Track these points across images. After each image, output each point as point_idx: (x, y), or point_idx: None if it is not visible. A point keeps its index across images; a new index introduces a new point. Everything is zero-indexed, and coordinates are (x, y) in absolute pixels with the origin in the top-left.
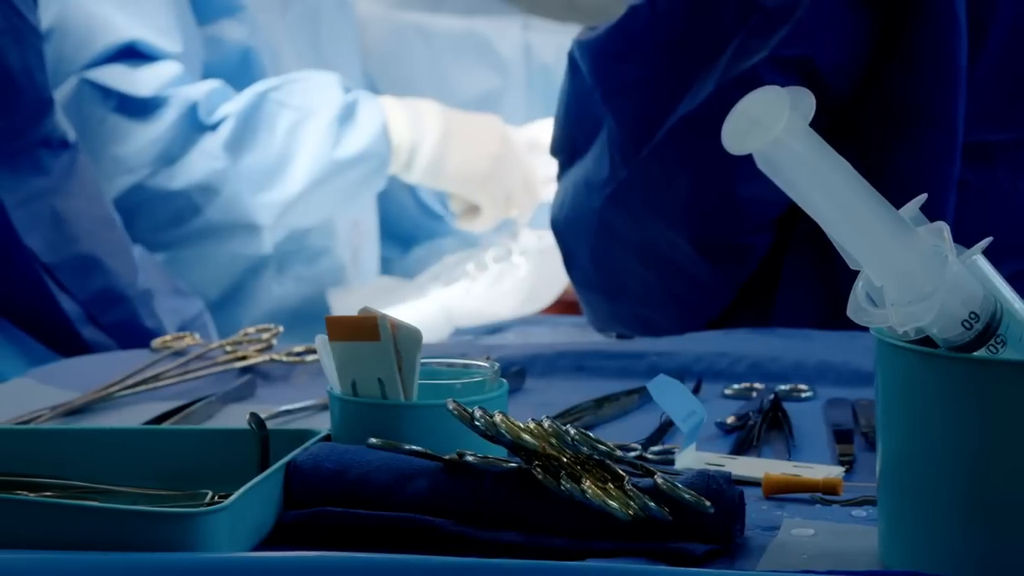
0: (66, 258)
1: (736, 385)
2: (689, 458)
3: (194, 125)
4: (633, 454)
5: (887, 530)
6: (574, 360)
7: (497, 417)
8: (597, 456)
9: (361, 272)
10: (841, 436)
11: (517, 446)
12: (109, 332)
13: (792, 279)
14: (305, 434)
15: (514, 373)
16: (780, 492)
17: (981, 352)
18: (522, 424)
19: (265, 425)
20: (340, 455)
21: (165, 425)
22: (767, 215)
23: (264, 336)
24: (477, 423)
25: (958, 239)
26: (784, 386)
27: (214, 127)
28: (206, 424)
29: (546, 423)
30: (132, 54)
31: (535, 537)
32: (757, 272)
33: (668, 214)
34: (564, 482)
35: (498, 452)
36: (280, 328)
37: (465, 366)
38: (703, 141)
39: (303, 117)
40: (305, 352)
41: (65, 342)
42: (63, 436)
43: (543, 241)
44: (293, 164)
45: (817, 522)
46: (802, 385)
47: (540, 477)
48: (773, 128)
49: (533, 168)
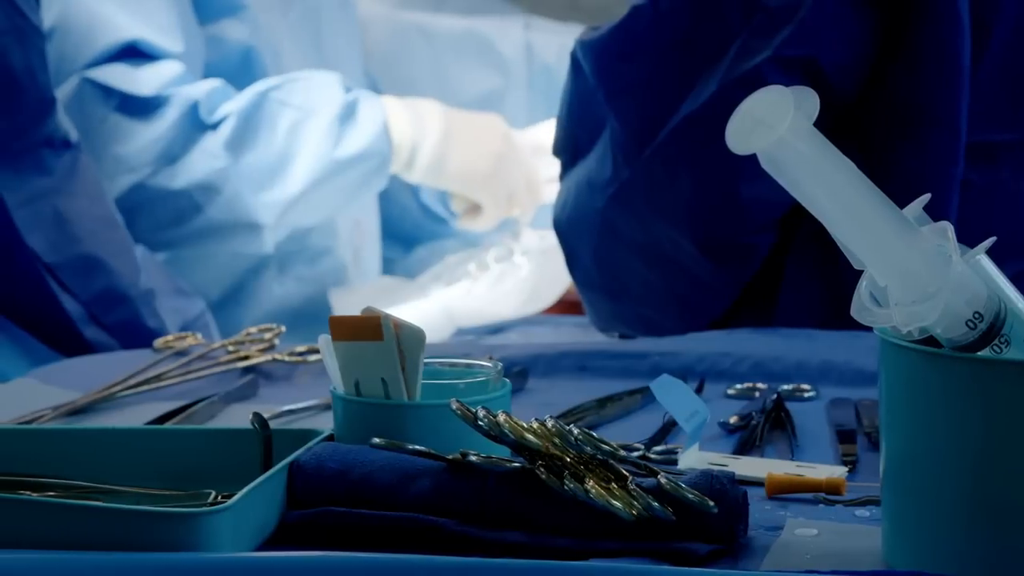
0: (68, 258)
1: (739, 385)
2: (692, 458)
3: (195, 124)
4: (636, 454)
5: (891, 530)
6: (576, 360)
7: (501, 417)
8: (601, 456)
9: (362, 272)
10: (844, 436)
11: (520, 446)
12: (111, 332)
13: (795, 279)
14: (308, 434)
15: (516, 373)
16: (783, 492)
17: (985, 352)
18: (526, 424)
19: (268, 425)
20: (343, 455)
21: (168, 425)
22: (770, 215)
23: (266, 336)
24: (481, 423)
25: (961, 239)
26: (787, 386)
27: (215, 126)
28: (209, 424)
29: (549, 423)
30: (133, 53)
31: (539, 537)
32: (760, 272)
33: (671, 214)
34: (568, 482)
35: (501, 452)
36: (282, 328)
37: (468, 366)
38: (706, 141)
39: (304, 116)
40: (307, 352)
41: (67, 342)
42: (66, 436)
43: (545, 241)
44: (294, 163)
45: (820, 522)
46: (805, 385)
47: (544, 477)
48: (777, 128)
49: (535, 168)
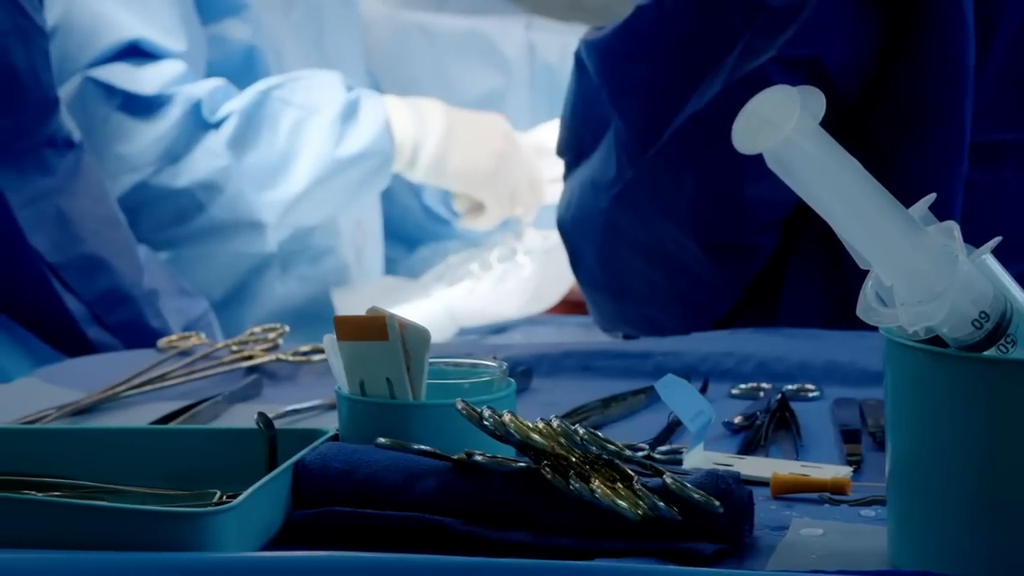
0: (71, 258)
1: (743, 385)
2: (697, 458)
3: (198, 123)
4: (641, 454)
5: (896, 530)
6: (580, 360)
7: (506, 417)
8: (606, 456)
9: (365, 272)
10: (848, 436)
11: (526, 446)
12: (114, 332)
13: (799, 279)
14: (313, 434)
15: (520, 373)
16: (788, 492)
17: (991, 352)
18: (531, 424)
19: (273, 425)
20: (348, 455)
21: (172, 425)
22: (774, 215)
23: (270, 336)
24: (486, 423)
25: (966, 239)
26: (791, 386)
27: (217, 125)
28: (213, 424)
29: (555, 423)
30: (136, 53)
31: (544, 537)
32: (763, 272)
33: (675, 214)
34: (573, 482)
35: (506, 452)
36: (286, 328)
37: (473, 366)
38: (710, 141)
39: (306, 115)
40: (311, 352)
41: (70, 342)
42: (70, 436)
43: (548, 241)
44: (296, 162)
45: (826, 522)
46: (809, 385)
47: (549, 477)
48: (783, 127)
49: (537, 167)
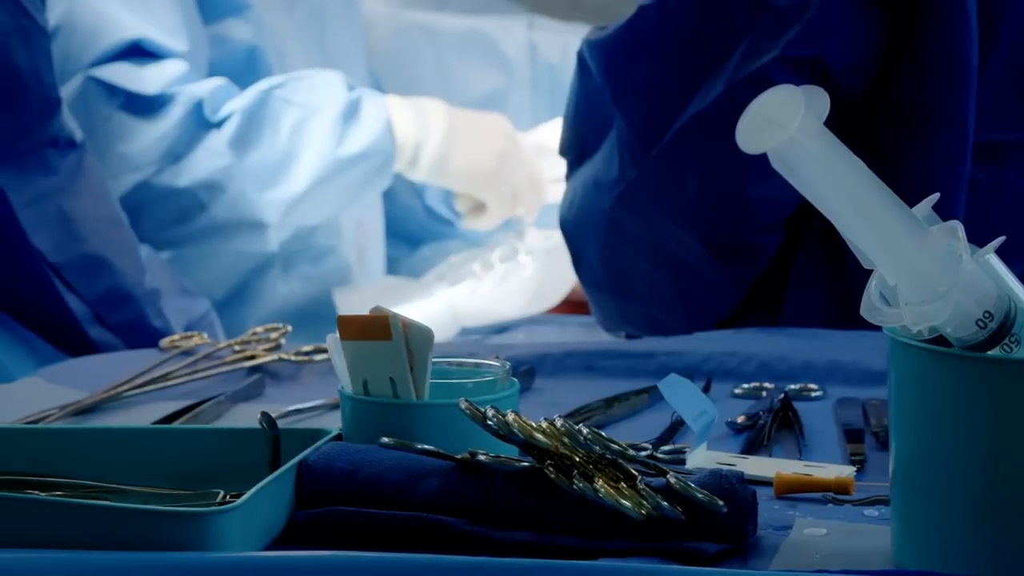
0: (73, 258)
1: (746, 384)
2: (700, 457)
3: (200, 123)
4: (644, 454)
5: (900, 529)
6: (583, 360)
7: (510, 416)
8: (609, 455)
9: (367, 272)
10: (852, 435)
11: (529, 445)
12: (116, 332)
13: (802, 279)
14: (316, 433)
15: (523, 372)
16: (792, 492)
17: (995, 351)
18: (534, 423)
19: (276, 424)
20: (352, 454)
21: (176, 424)
22: (777, 215)
23: (272, 335)
24: (490, 422)
25: (969, 239)
26: (794, 385)
27: (219, 125)
28: (215, 424)
29: (558, 422)
30: (138, 52)
31: (547, 536)
32: (767, 272)
33: (678, 214)
34: (577, 481)
35: (510, 451)
36: (288, 327)
37: (476, 365)
38: (713, 141)
39: (308, 115)
40: (314, 351)
41: (72, 342)
42: (73, 436)
43: (549, 241)
44: (298, 162)
45: (829, 521)
46: (812, 384)
47: (553, 476)
48: (788, 127)
49: (539, 166)
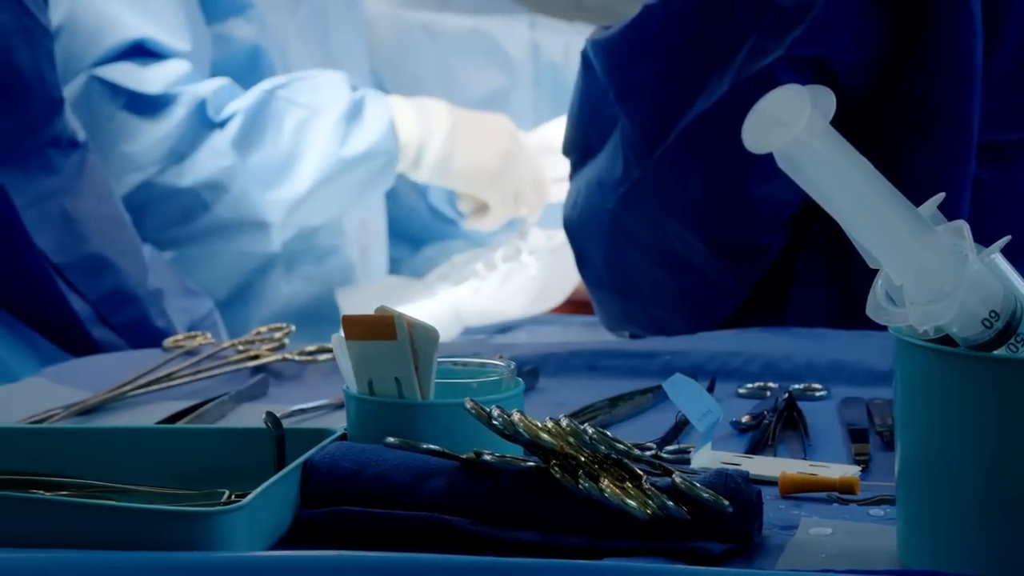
0: (76, 258)
1: (750, 384)
2: (705, 457)
3: (203, 122)
4: (648, 453)
5: (905, 529)
6: (587, 359)
7: (515, 416)
8: (615, 455)
9: (369, 272)
10: (856, 435)
11: (535, 445)
12: (119, 332)
13: (806, 279)
14: (321, 433)
15: (527, 372)
16: (797, 491)
17: (1001, 351)
18: (540, 423)
19: (281, 424)
20: (357, 454)
21: (180, 424)
22: (781, 215)
23: (276, 335)
24: (495, 422)
25: (974, 239)
26: (798, 385)
27: (222, 124)
28: (220, 423)
29: (564, 422)
30: (141, 52)
31: (553, 536)
32: (770, 272)
33: (681, 214)
34: (582, 481)
35: (515, 451)
36: (292, 327)
37: (481, 365)
38: (717, 141)
39: (311, 115)
40: (318, 351)
41: (75, 342)
42: (78, 435)
43: (552, 240)
44: (301, 162)
45: (834, 521)
46: (816, 384)
47: (558, 476)
48: (794, 127)
49: (542, 166)
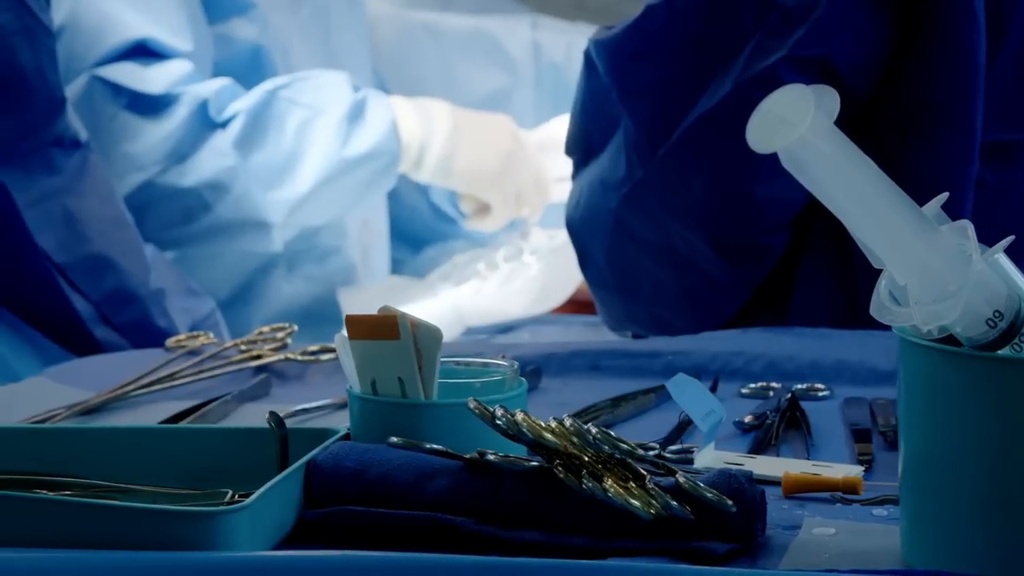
0: (78, 258)
1: (752, 384)
2: (708, 457)
3: (204, 123)
4: (652, 453)
5: (909, 529)
6: (589, 359)
7: (519, 416)
8: (618, 455)
9: (371, 272)
10: (859, 435)
11: (538, 445)
12: (121, 332)
13: (808, 279)
14: (324, 433)
15: (530, 372)
16: (800, 491)
17: (1005, 351)
18: (543, 423)
19: (284, 424)
20: (360, 454)
21: (183, 424)
22: (784, 215)
23: (279, 335)
24: (499, 422)
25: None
26: (801, 385)
27: (224, 125)
28: (223, 423)
29: (568, 422)
30: (143, 52)
31: (556, 536)
32: (773, 272)
33: (685, 214)
34: (586, 481)
35: (518, 451)
36: (295, 327)
37: (484, 365)
38: (720, 141)
39: (313, 115)
40: (320, 351)
41: (77, 342)
42: (81, 435)
43: (554, 240)
44: (303, 162)
45: (838, 521)
46: (819, 384)
47: (562, 476)
48: (798, 126)
49: (543, 166)
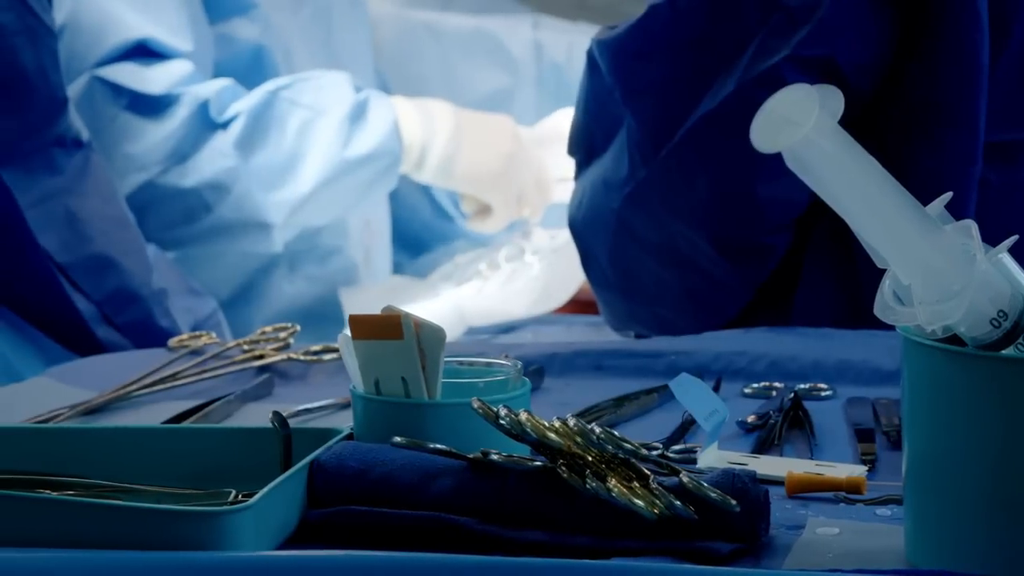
0: (80, 258)
1: (755, 384)
2: (711, 457)
3: (205, 123)
4: (655, 453)
5: (913, 529)
6: (592, 359)
7: (522, 416)
8: (622, 455)
9: (373, 272)
10: (862, 435)
11: (542, 445)
12: (123, 332)
13: (811, 279)
14: (328, 433)
15: (532, 372)
16: (804, 491)
17: (1009, 350)
18: (547, 423)
19: (288, 424)
20: (364, 454)
21: (186, 424)
22: (787, 215)
23: (281, 335)
24: (502, 422)
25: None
26: (804, 385)
27: (225, 125)
28: (225, 423)
29: (571, 421)
30: (144, 52)
31: (560, 536)
32: (776, 272)
33: (687, 214)
34: (589, 481)
35: (522, 451)
36: (297, 327)
37: (487, 365)
38: (723, 141)
39: (314, 116)
40: (323, 351)
41: (79, 342)
42: (84, 435)
43: (556, 240)
44: (304, 163)
45: (842, 521)
46: (822, 384)
47: (565, 476)
48: (803, 126)
49: (545, 167)
